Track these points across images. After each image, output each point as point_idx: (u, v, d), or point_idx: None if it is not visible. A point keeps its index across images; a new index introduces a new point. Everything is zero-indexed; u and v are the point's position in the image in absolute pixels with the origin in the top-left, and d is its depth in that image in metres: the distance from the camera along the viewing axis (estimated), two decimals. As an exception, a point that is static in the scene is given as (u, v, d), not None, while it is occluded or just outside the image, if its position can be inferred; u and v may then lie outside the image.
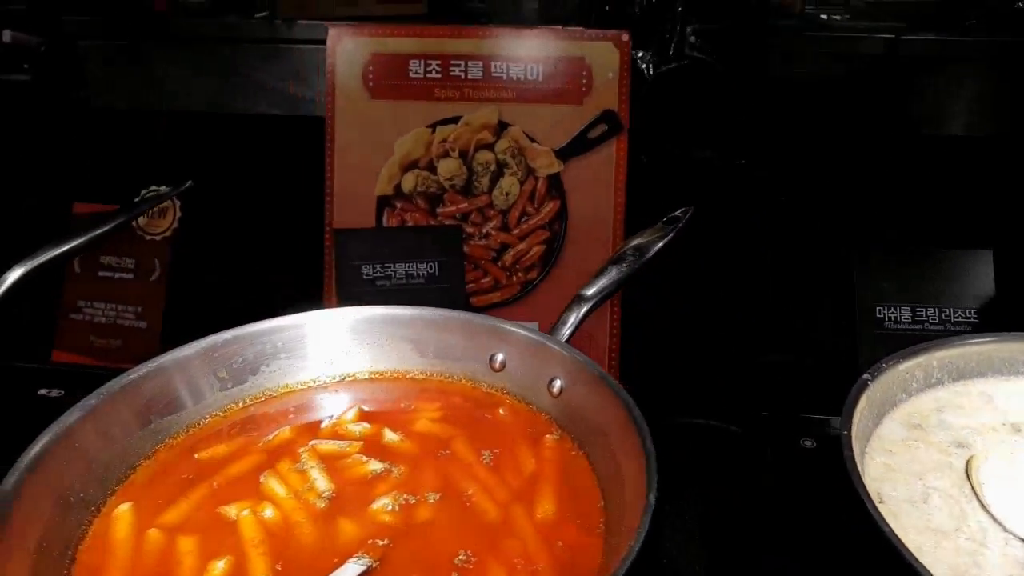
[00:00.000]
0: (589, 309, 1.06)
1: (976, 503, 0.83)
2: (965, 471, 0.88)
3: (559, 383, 0.98)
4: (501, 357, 1.04)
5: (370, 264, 1.33)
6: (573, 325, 1.04)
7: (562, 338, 1.02)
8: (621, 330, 1.42)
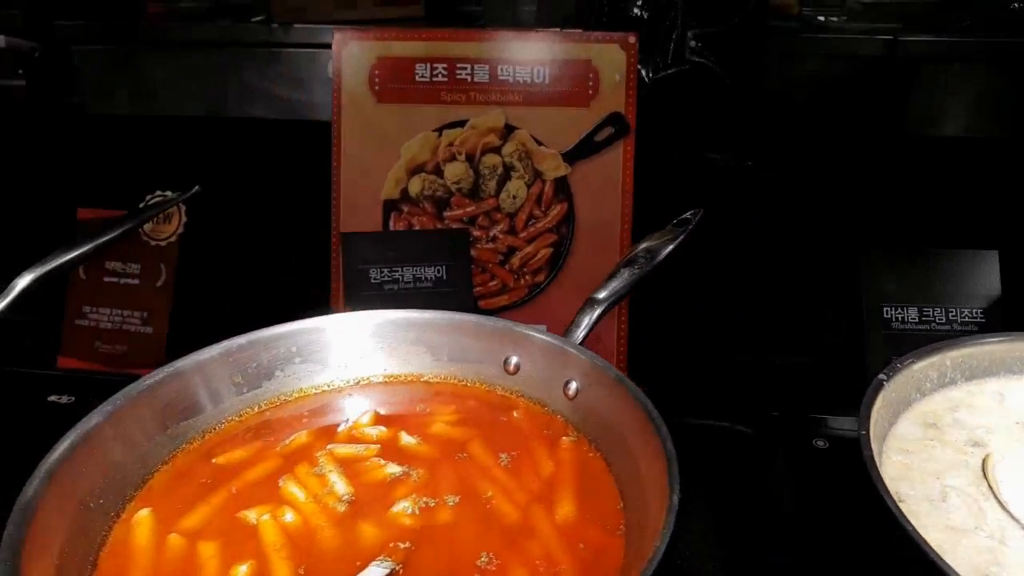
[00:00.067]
0: (602, 312, 1.06)
1: (994, 501, 0.84)
2: (981, 470, 0.88)
3: (575, 385, 0.98)
4: (516, 360, 1.04)
5: (378, 268, 1.32)
6: (587, 327, 1.04)
7: (576, 340, 1.02)
8: (629, 331, 1.43)
